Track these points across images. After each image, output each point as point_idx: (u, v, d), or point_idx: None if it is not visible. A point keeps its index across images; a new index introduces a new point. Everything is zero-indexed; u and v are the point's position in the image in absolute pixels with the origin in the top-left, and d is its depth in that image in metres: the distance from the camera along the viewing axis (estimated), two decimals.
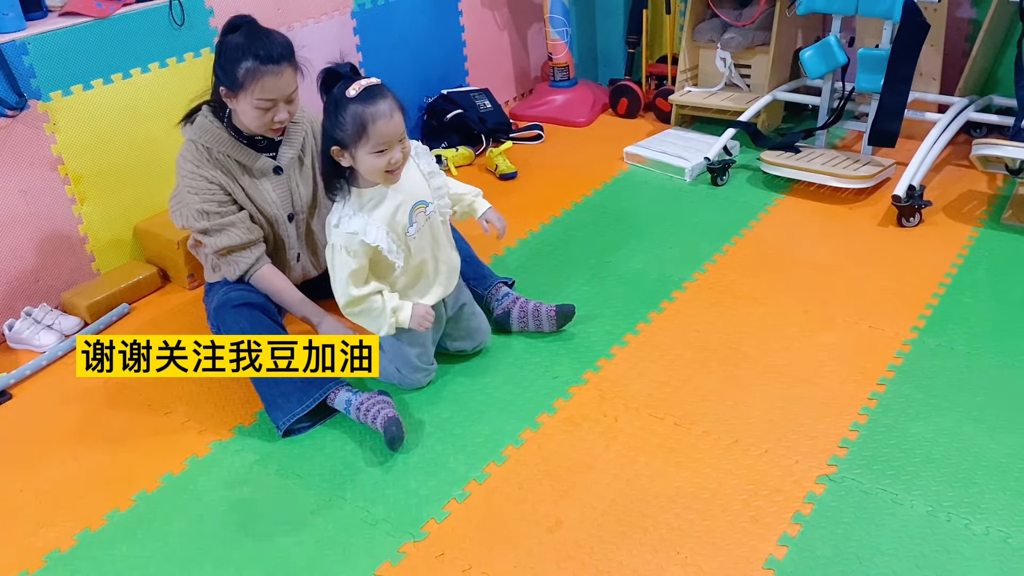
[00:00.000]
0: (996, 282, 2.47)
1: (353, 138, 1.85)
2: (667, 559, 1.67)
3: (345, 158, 1.90)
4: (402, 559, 1.72)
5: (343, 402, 2.06)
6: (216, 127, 2.12)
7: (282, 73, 2.03)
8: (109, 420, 2.20)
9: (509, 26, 4.02)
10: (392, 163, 1.89)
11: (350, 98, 1.83)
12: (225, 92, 2.06)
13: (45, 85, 2.48)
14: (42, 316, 2.53)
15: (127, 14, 2.63)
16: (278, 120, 2.08)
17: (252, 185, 2.17)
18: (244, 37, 2.02)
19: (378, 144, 1.85)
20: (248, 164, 2.15)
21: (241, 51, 2.00)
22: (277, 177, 2.20)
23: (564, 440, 2.00)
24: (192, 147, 2.13)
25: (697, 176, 3.25)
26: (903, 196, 2.76)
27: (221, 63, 2.04)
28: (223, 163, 2.13)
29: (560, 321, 2.33)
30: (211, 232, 2.13)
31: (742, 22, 3.46)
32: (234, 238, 2.14)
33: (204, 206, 2.11)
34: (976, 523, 1.69)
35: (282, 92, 2.05)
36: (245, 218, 2.16)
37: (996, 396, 2.03)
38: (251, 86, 2.01)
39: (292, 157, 2.21)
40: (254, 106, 2.04)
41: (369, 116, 1.83)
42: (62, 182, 2.58)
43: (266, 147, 2.18)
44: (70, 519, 1.88)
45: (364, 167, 1.90)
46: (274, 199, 2.20)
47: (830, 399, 2.06)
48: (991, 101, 3.23)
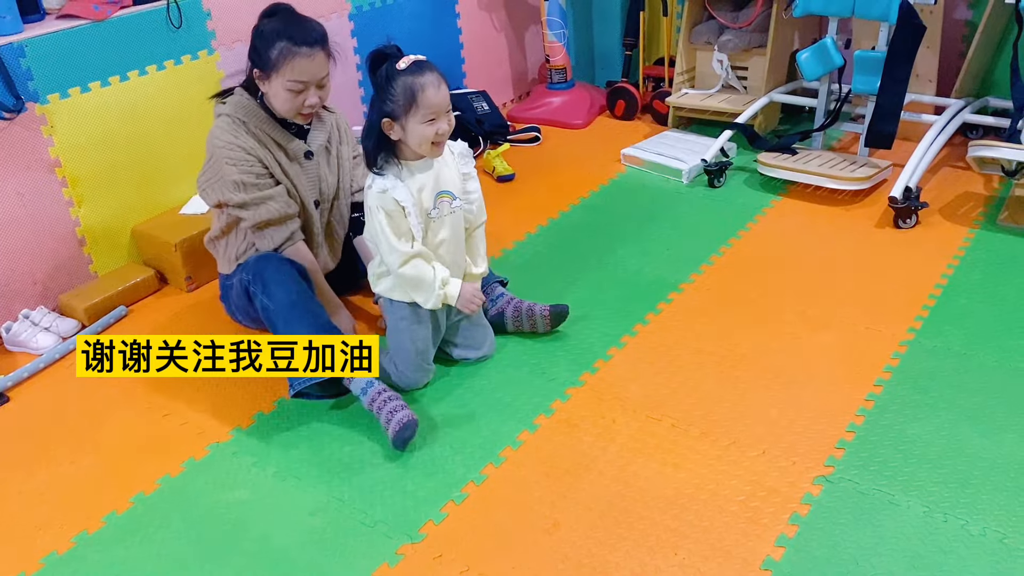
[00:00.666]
0: (992, 283, 2.48)
1: (404, 108, 1.92)
2: (664, 560, 1.67)
3: (395, 130, 1.96)
4: (400, 561, 1.72)
5: (362, 382, 2.05)
6: (252, 104, 2.16)
7: (315, 56, 2.08)
8: (107, 422, 2.20)
9: (506, 28, 4.03)
10: (440, 133, 1.97)
11: (400, 70, 1.91)
12: (258, 74, 2.11)
13: (42, 87, 2.48)
14: (40, 318, 2.53)
15: (124, 17, 2.63)
16: (309, 104, 2.12)
17: (289, 166, 2.21)
18: (280, 22, 2.09)
19: (428, 113, 1.92)
20: (283, 143, 2.19)
21: (276, 34, 2.07)
22: (307, 162, 2.25)
23: (562, 442, 2.00)
24: (227, 120, 2.16)
25: (694, 178, 3.26)
26: (900, 198, 2.77)
27: (255, 45, 2.10)
28: (260, 138, 2.17)
29: (554, 321, 2.34)
30: (249, 205, 2.15)
31: (739, 24, 3.47)
32: (273, 211, 2.16)
33: (242, 177, 2.13)
34: (973, 523, 1.70)
35: (314, 75, 2.09)
36: (283, 192, 2.19)
37: (992, 397, 2.03)
38: (284, 67, 2.06)
39: (321, 144, 2.26)
40: (286, 88, 2.08)
41: (419, 86, 1.90)
42: (60, 184, 2.58)
43: (296, 133, 2.22)
44: (68, 521, 1.88)
45: (414, 137, 1.95)
46: (303, 183, 2.24)
47: (827, 400, 2.06)
48: (987, 103, 3.24)
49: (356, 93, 3.45)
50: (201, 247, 2.66)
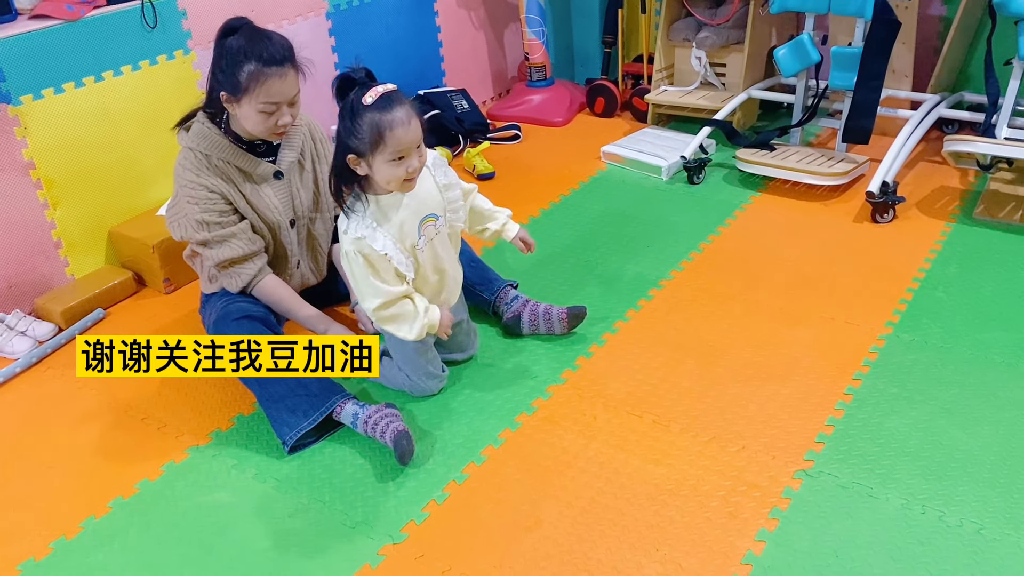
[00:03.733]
0: (968, 277, 2.50)
1: (370, 146, 1.80)
2: (646, 556, 1.67)
3: (361, 167, 1.86)
4: (381, 561, 1.72)
5: (350, 415, 2.01)
6: (215, 133, 2.07)
7: (286, 75, 1.99)
8: (84, 426, 2.18)
9: (485, 26, 4.02)
10: (410, 171, 1.85)
11: (367, 105, 1.79)
12: (226, 97, 2.00)
13: (15, 89, 2.45)
14: (15, 322, 2.50)
15: (98, 16, 2.61)
16: (281, 124, 2.03)
17: (254, 192, 2.12)
18: (245, 40, 1.96)
19: (396, 152, 1.81)
20: (249, 170, 2.10)
21: (243, 54, 1.95)
22: (278, 182, 2.16)
23: (543, 439, 2.00)
24: (191, 155, 2.07)
25: (674, 175, 3.27)
26: (877, 192, 2.78)
27: (221, 67, 1.98)
28: (223, 170, 2.08)
29: (571, 323, 2.32)
30: (211, 244, 2.09)
31: (716, 21, 3.48)
32: (235, 250, 2.09)
33: (204, 216, 2.06)
34: (950, 515, 1.71)
35: (286, 95, 2.01)
36: (246, 228, 2.11)
37: (968, 389, 2.05)
38: (255, 90, 1.96)
39: (292, 161, 2.17)
40: (258, 110, 1.99)
41: (387, 124, 1.78)
42: (34, 187, 2.56)
43: (265, 152, 2.14)
44: (45, 527, 1.86)
45: (381, 176, 1.85)
46: (276, 204, 2.16)
47: (806, 395, 2.07)
48: (962, 97, 3.27)
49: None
50: (178, 248, 2.64)
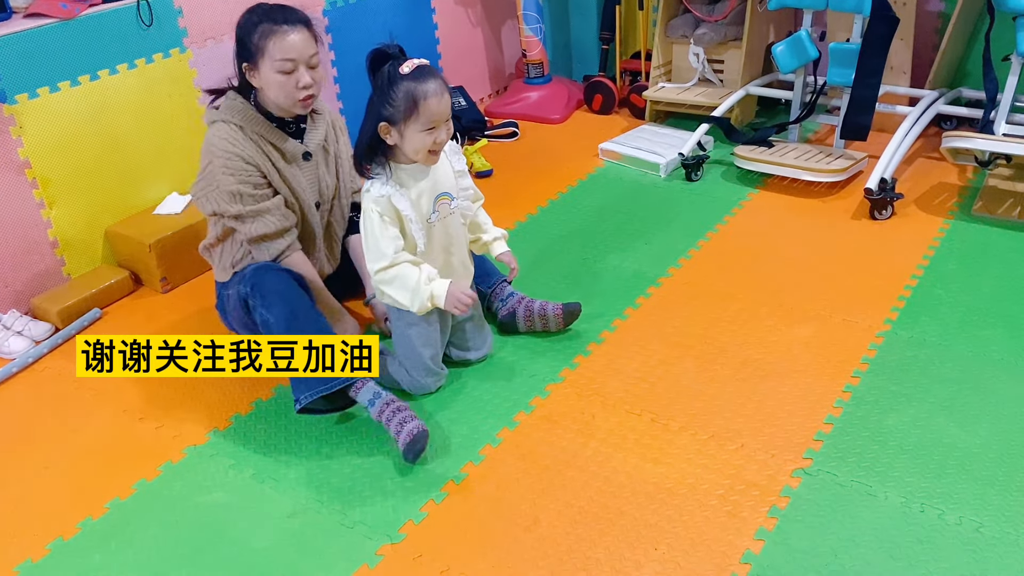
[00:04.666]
0: (967, 273, 2.50)
1: (404, 115, 1.87)
2: (645, 555, 1.67)
3: (392, 136, 1.92)
4: (379, 561, 1.71)
5: (369, 394, 2.00)
6: (246, 106, 2.12)
7: (298, 31, 2.04)
8: (82, 427, 2.17)
9: (483, 23, 4.01)
10: (437, 143, 1.92)
11: (403, 75, 1.86)
12: (247, 67, 2.07)
13: (10, 88, 2.44)
14: (12, 322, 2.50)
15: (94, 15, 2.60)
16: (303, 85, 2.05)
17: (287, 169, 2.16)
18: (259, 12, 2.06)
19: (428, 122, 1.88)
20: (281, 146, 2.14)
21: (256, 21, 2.04)
22: (306, 163, 2.20)
23: (541, 438, 1.99)
24: (224, 127, 2.10)
25: (672, 172, 3.26)
26: (875, 189, 2.78)
27: (239, 39, 2.07)
28: (257, 143, 2.11)
29: (567, 320, 2.32)
30: (245, 218, 2.10)
31: (714, 17, 3.47)
32: (269, 225, 2.12)
33: (240, 187, 2.08)
34: (949, 513, 1.71)
35: (301, 52, 2.04)
36: (280, 204, 2.14)
37: (967, 387, 2.05)
38: (269, 47, 2.01)
39: (319, 143, 2.22)
40: (275, 69, 2.03)
41: (422, 93, 1.85)
42: (30, 186, 2.55)
43: (293, 133, 2.18)
44: (42, 528, 1.86)
45: (411, 145, 1.91)
46: (304, 185, 2.20)
47: (805, 392, 2.07)
48: (961, 94, 3.26)
49: (331, 90, 3.42)
50: (176, 247, 2.63)
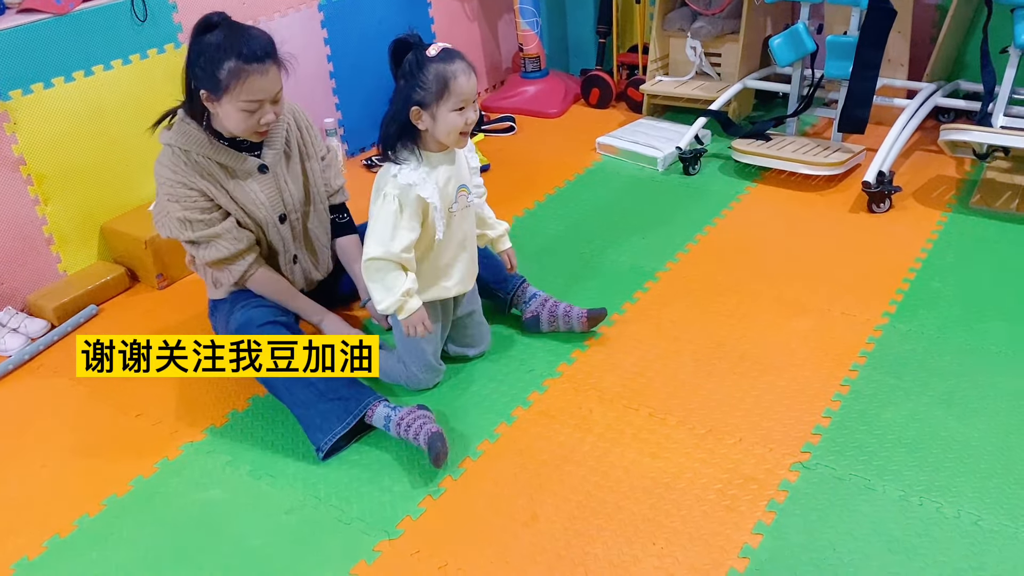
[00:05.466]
0: (965, 266, 2.49)
1: (435, 96, 1.87)
2: (643, 550, 1.67)
3: (423, 120, 1.90)
4: (377, 557, 1.71)
5: (382, 418, 1.98)
6: (194, 129, 2.02)
7: (267, 72, 1.92)
8: (78, 424, 2.16)
9: (479, 17, 4.00)
10: (468, 123, 1.92)
11: (431, 57, 1.86)
12: (206, 96, 1.94)
13: (4, 84, 2.43)
14: (7, 319, 2.49)
15: (88, 10, 2.59)
16: (264, 122, 1.98)
17: (238, 187, 2.07)
18: (223, 36, 1.89)
19: (459, 101, 1.88)
20: (232, 165, 2.05)
21: (222, 51, 1.88)
22: (263, 176, 2.10)
23: (539, 434, 1.99)
24: (169, 152, 2.03)
25: (669, 166, 3.25)
26: (873, 182, 2.77)
27: (201, 64, 1.91)
28: (204, 167, 2.02)
29: (591, 324, 2.30)
30: (199, 244, 2.06)
31: (711, 11, 3.46)
32: (223, 250, 2.06)
33: (186, 214, 2.03)
34: (947, 506, 1.71)
35: (268, 92, 1.95)
36: (231, 227, 2.07)
37: (965, 380, 2.04)
38: (236, 87, 1.90)
39: (276, 153, 2.12)
40: (239, 108, 1.93)
41: (451, 73, 1.86)
42: (25, 183, 2.54)
43: (249, 147, 2.08)
44: (39, 525, 1.85)
45: (443, 126, 1.90)
46: (263, 200, 2.10)
47: (803, 386, 2.07)
48: (958, 86, 3.25)
49: (328, 85, 3.41)
50: (172, 243, 2.61)
